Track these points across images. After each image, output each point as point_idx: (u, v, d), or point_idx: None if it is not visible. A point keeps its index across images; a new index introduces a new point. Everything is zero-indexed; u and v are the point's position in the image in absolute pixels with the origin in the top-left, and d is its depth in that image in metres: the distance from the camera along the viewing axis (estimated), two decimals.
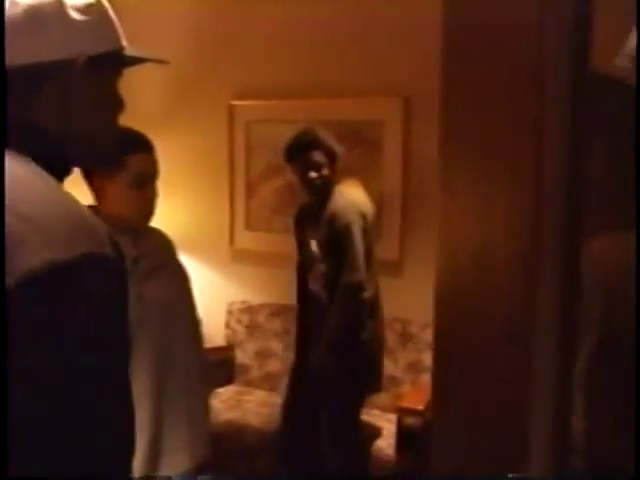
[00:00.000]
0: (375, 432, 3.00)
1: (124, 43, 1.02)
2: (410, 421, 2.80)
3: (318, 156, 2.80)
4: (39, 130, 0.94)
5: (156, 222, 3.76)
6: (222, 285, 3.88)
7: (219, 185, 3.81)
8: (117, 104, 1.04)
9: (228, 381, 3.67)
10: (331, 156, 2.84)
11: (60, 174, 0.96)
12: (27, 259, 0.77)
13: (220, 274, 3.89)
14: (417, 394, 2.97)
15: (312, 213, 2.91)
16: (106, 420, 0.82)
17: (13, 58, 0.90)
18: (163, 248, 1.92)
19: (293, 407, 2.97)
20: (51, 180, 0.90)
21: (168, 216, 3.97)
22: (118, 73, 1.03)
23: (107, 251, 0.84)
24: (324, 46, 3.46)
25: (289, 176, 3.62)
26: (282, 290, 3.72)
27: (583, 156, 0.77)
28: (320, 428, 2.81)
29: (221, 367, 3.67)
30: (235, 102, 3.70)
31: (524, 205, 0.71)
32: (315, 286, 2.92)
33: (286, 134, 3.57)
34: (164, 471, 1.80)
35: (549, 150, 0.69)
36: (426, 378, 3.19)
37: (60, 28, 0.92)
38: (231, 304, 3.78)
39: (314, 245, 2.89)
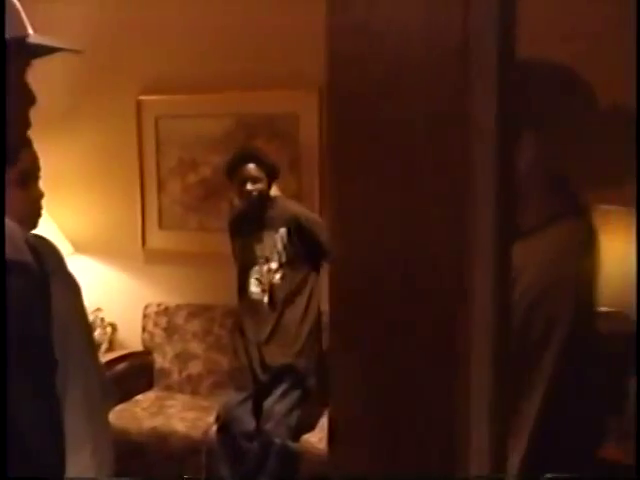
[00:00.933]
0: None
1: (30, 31, 0.91)
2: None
3: (254, 170, 2.94)
4: None
5: (63, 224, 3.60)
6: (136, 287, 3.73)
7: (129, 183, 3.65)
8: (26, 98, 0.93)
9: (147, 387, 3.53)
10: (268, 171, 2.97)
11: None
12: None
13: (134, 276, 3.74)
14: None
15: (252, 221, 3.05)
16: None
17: None
18: (51, 257, 1.76)
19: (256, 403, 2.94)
20: None
21: (76, 217, 3.80)
22: (25, 64, 0.93)
23: (24, 257, 0.77)
24: (235, 37, 3.37)
25: (202, 172, 3.54)
26: (199, 290, 3.62)
27: (512, 148, 0.77)
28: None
29: (139, 373, 3.53)
30: (143, 97, 3.55)
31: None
32: (258, 288, 3.03)
33: (198, 128, 3.49)
34: None
35: (477, 143, 0.69)
36: None
37: None
38: (147, 307, 3.64)
39: (261, 249, 3.03)
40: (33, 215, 1.62)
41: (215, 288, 3.58)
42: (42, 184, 1.62)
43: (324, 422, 2.90)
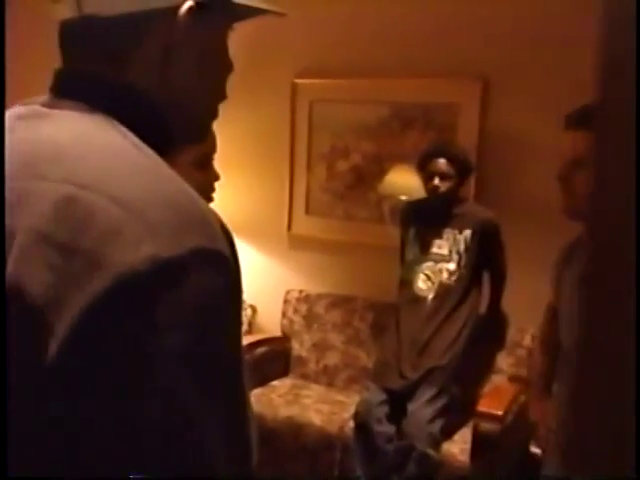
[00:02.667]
0: None
1: None
2: (487, 427, 2.61)
3: (445, 166, 2.80)
4: (138, 94, 0.76)
5: (215, 204, 3.63)
6: (279, 272, 3.71)
7: (280, 167, 3.63)
8: (226, 65, 0.85)
9: (284, 373, 3.51)
10: (460, 169, 2.84)
11: (161, 151, 0.78)
12: (124, 254, 0.59)
13: (277, 260, 3.72)
14: (495, 397, 2.78)
15: (434, 214, 2.93)
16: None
17: (103, 5, 0.73)
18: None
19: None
20: (155, 157, 0.72)
21: (225, 198, 3.83)
22: (228, 27, 0.84)
23: (221, 246, 0.66)
24: (396, 24, 3.23)
25: (353, 159, 3.44)
26: (342, 280, 3.54)
27: None
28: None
29: (277, 358, 3.52)
30: (299, 80, 3.50)
31: None
32: (426, 284, 2.90)
33: (351, 115, 3.39)
34: None
35: None
36: (502, 379, 3.00)
37: None
38: (288, 292, 3.61)
39: (438, 245, 2.91)
40: (206, 198, 1.57)
41: (358, 279, 3.49)
42: None
43: (465, 433, 2.74)
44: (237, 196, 3.75)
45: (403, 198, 3.27)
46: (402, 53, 3.24)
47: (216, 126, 1.54)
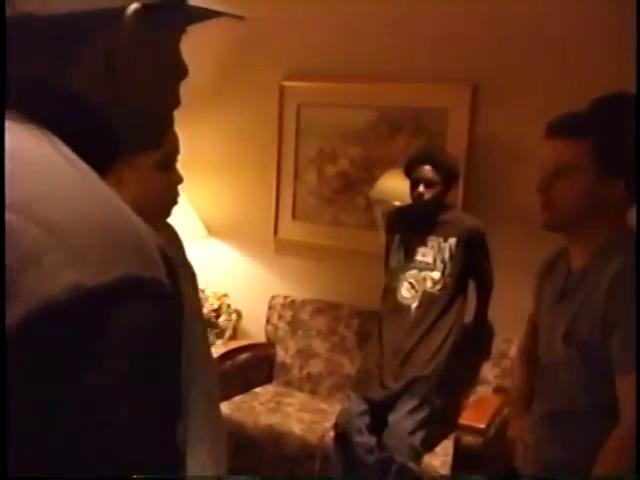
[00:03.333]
0: None
1: None
2: (469, 439, 2.56)
3: (430, 172, 2.75)
4: (80, 100, 0.70)
5: (199, 206, 3.58)
6: (265, 277, 3.66)
7: (266, 170, 3.57)
8: (178, 70, 0.79)
9: (267, 380, 3.45)
10: (446, 175, 2.78)
11: (102, 163, 0.72)
12: (44, 281, 0.54)
13: (263, 265, 3.67)
14: (479, 409, 2.72)
15: (419, 220, 2.87)
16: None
17: (47, 5, 0.67)
18: (176, 245, 1.65)
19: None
20: (90, 173, 0.65)
21: (212, 200, 3.79)
22: (181, 30, 0.79)
23: (155, 274, 0.60)
24: (385, 28, 3.18)
25: (341, 164, 3.39)
26: (328, 286, 3.49)
27: None
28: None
29: (260, 365, 3.46)
30: (287, 83, 3.45)
31: None
32: (409, 293, 2.85)
33: (339, 119, 3.34)
34: None
35: None
36: (487, 390, 2.95)
37: None
38: (273, 298, 3.56)
39: (423, 253, 2.85)
40: (170, 201, 1.51)
41: (344, 286, 3.44)
42: (182, 166, 1.51)
43: (447, 445, 2.68)
44: (222, 199, 3.71)
45: (396, 204, 3.22)
46: (392, 57, 3.19)
47: (203, 128, 1.50)
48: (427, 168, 2.77)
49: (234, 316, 3.65)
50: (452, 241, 2.81)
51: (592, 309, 1.47)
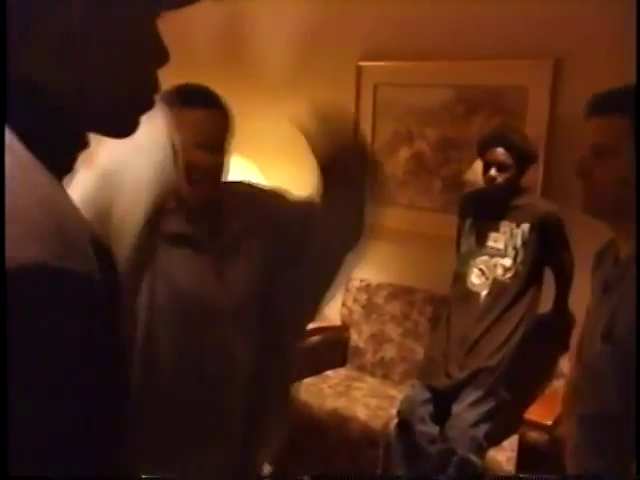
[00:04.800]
0: None
1: None
2: (534, 436, 2.43)
3: (502, 155, 2.62)
4: (34, 85, 0.69)
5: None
6: None
7: None
8: (155, 54, 0.76)
9: (341, 363, 3.44)
10: (520, 158, 2.64)
11: (65, 146, 0.72)
12: None
13: None
14: (548, 404, 2.58)
15: (492, 204, 2.74)
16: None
17: None
18: (248, 208, 1.63)
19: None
20: (27, 160, 0.65)
21: (287, 183, 3.78)
22: (154, 15, 0.76)
23: (72, 265, 0.58)
24: (462, 2, 3.04)
25: (416, 146, 3.30)
26: (403, 270, 3.42)
27: None
28: None
29: (334, 348, 3.46)
30: (363, 63, 3.38)
31: None
32: (479, 279, 2.73)
33: (415, 99, 3.24)
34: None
35: None
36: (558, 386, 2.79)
37: None
38: (349, 281, 3.53)
39: (494, 239, 2.73)
40: (212, 181, 1.51)
41: (419, 270, 3.36)
42: (258, 148, 1.53)
43: (512, 441, 2.56)
44: (299, 182, 3.70)
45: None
46: (468, 33, 3.04)
47: (280, 110, 1.46)
48: (500, 150, 2.63)
49: None
50: (525, 227, 2.66)
51: (631, 304, 1.34)
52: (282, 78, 3.52)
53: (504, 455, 2.58)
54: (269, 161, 3.66)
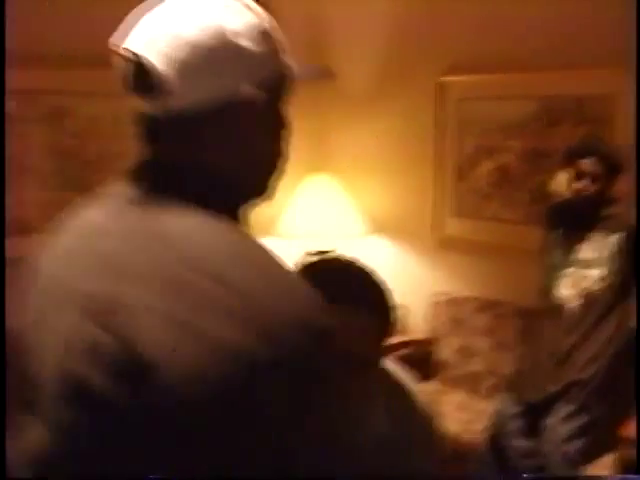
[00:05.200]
0: None
1: (290, 63, 0.92)
2: (632, 455, 2.37)
3: (590, 166, 2.57)
4: (211, 169, 0.86)
5: (362, 205, 3.66)
6: (426, 273, 3.66)
7: (426, 167, 3.56)
8: (282, 126, 0.93)
9: (426, 377, 3.45)
10: (610, 168, 2.58)
11: (229, 209, 0.87)
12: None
13: (424, 261, 3.67)
14: None
15: (580, 215, 2.69)
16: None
17: (186, 98, 0.82)
18: None
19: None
20: (244, 232, 0.86)
21: (373, 198, 3.85)
22: (286, 95, 0.93)
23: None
24: (541, 14, 3.02)
25: (500, 158, 3.29)
26: (489, 283, 3.41)
27: None
28: None
29: (420, 362, 3.46)
30: (445, 78, 3.40)
31: None
32: (569, 291, 2.68)
33: (497, 112, 3.24)
34: None
35: None
36: None
37: (231, 58, 0.83)
38: (434, 295, 3.54)
39: (583, 250, 2.67)
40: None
41: (506, 283, 3.33)
42: (346, 166, 1.58)
43: (607, 460, 2.51)
44: (382, 196, 3.75)
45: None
46: (549, 43, 3.02)
47: (365, 128, 1.51)
48: (588, 161, 2.59)
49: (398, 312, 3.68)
50: (615, 237, 2.61)
51: None
52: (363, 96, 3.59)
53: (600, 473, 2.52)
54: (353, 180, 3.72)
